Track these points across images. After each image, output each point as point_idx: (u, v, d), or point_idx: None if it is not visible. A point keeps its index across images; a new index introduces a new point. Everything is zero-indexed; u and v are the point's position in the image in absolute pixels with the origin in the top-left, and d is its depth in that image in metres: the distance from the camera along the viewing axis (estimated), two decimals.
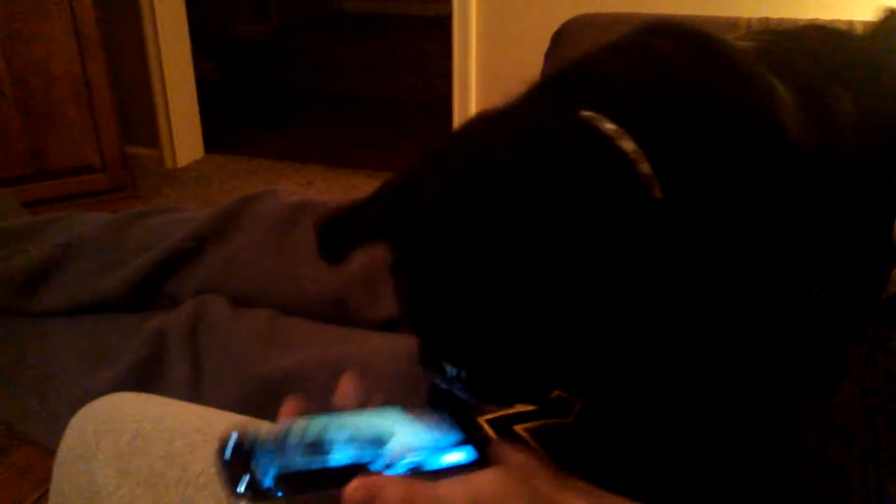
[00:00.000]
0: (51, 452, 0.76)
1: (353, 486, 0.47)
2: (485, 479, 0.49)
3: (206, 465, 0.64)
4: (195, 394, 0.84)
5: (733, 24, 1.30)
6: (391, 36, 4.33)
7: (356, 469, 0.48)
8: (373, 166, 2.99)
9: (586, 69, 0.60)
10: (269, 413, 0.76)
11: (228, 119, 3.47)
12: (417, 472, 0.49)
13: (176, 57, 2.88)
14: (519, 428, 0.68)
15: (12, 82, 2.26)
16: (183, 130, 2.97)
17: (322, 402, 0.78)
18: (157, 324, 0.90)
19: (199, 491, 0.63)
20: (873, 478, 0.63)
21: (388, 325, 0.93)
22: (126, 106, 2.70)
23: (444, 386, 0.54)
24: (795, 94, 0.63)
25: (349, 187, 2.82)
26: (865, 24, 0.86)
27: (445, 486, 0.48)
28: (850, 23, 0.90)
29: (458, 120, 2.65)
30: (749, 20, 1.30)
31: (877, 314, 0.80)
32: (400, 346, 0.82)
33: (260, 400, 0.81)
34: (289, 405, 0.57)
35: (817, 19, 0.94)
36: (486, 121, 0.57)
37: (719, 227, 0.55)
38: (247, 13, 4.72)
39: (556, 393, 0.72)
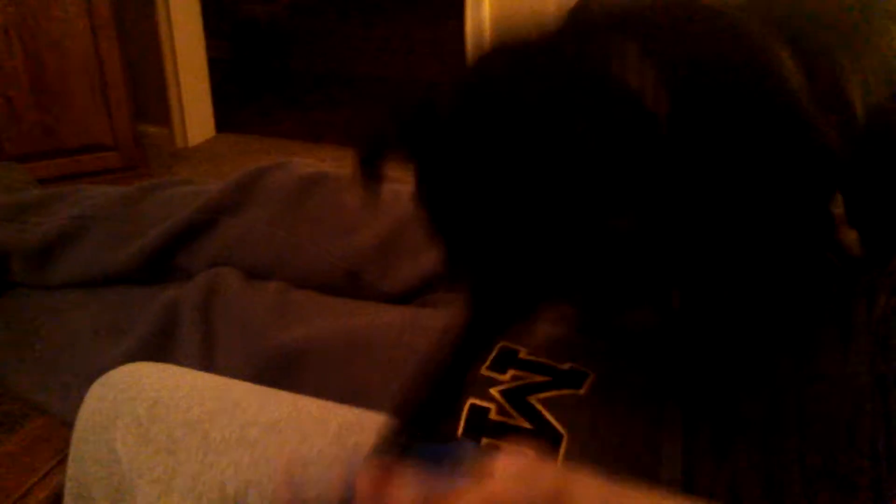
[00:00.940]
0: (65, 423, 0.76)
1: (365, 476, 0.47)
2: (498, 485, 0.47)
3: (224, 431, 0.65)
4: (208, 365, 0.84)
5: None
6: (404, 15, 4.30)
7: None
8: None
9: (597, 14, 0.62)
10: (281, 384, 0.77)
11: (240, 98, 3.47)
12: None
13: (187, 36, 2.87)
14: (532, 399, 0.67)
15: (25, 60, 2.26)
16: (194, 109, 2.97)
17: (335, 375, 0.79)
18: (169, 296, 0.91)
19: (218, 456, 0.64)
20: (883, 447, 0.63)
21: (402, 299, 0.93)
22: (138, 85, 2.70)
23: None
24: (793, 54, 0.63)
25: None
26: None
27: (460, 492, 0.47)
28: None
29: None
30: None
31: (890, 281, 0.79)
32: (414, 319, 0.82)
33: (272, 371, 0.81)
34: None
35: None
36: (503, 49, 0.58)
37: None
38: None
39: (569, 365, 0.72)
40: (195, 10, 2.90)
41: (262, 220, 0.95)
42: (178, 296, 0.90)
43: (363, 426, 0.63)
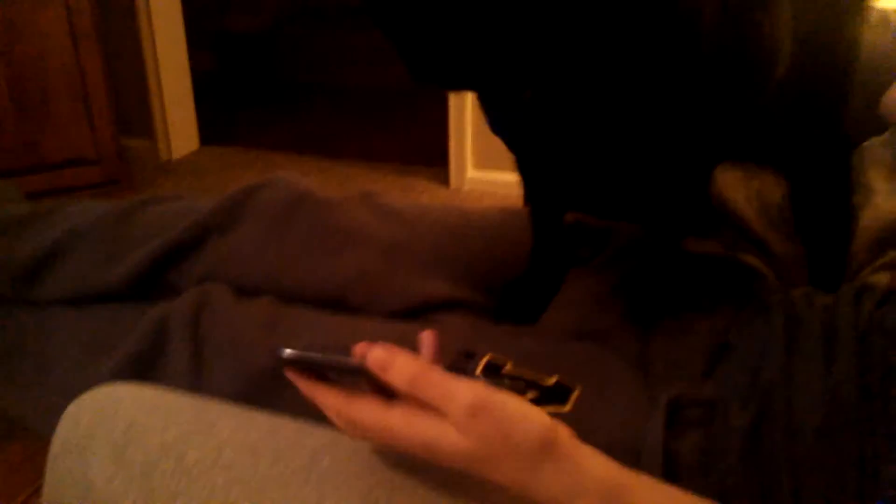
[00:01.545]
0: (47, 445, 0.76)
1: (377, 351, 0.49)
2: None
3: (200, 453, 0.65)
4: (196, 382, 0.84)
5: None
6: None
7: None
8: (370, 157, 2.99)
9: None
10: (271, 401, 0.77)
11: (224, 110, 3.46)
12: None
13: (171, 49, 2.87)
14: None
15: (7, 75, 2.25)
16: (178, 122, 2.97)
17: None
18: (158, 312, 0.90)
19: (193, 482, 0.63)
20: (870, 458, 0.63)
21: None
22: (121, 98, 2.69)
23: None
24: None
25: (345, 178, 2.82)
26: None
27: (457, 381, 0.49)
28: None
29: (453, 110, 2.65)
30: None
31: (873, 295, 0.81)
32: (406, 336, 0.82)
33: (261, 388, 0.81)
34: None
35: None
36: None
37: None
38: (243, 4, 4.70)
39: (554, 379, 0.72)
40: (178, 22, 2.90)
41: (252, 239, 0.96)
42: (166, 312, 0.90)
43: (338, 447, 0.63)
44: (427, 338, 0.60)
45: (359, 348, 0.55)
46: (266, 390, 0.81)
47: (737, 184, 1.07)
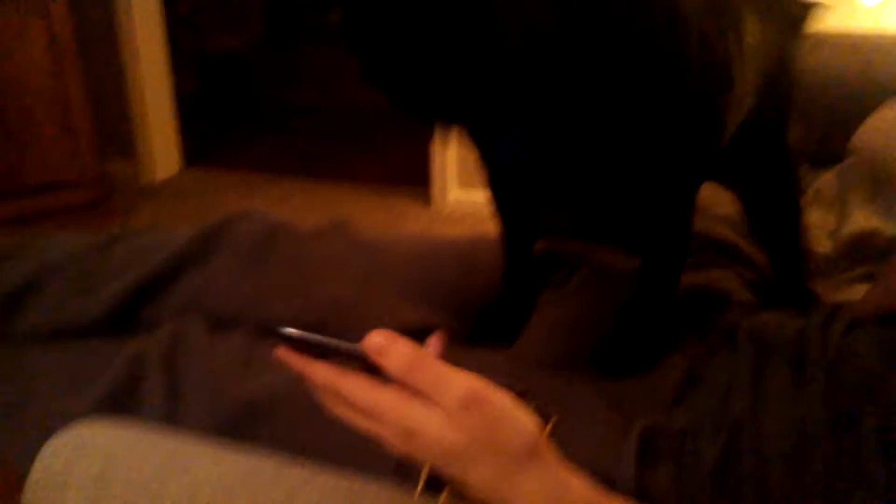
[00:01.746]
0: (24, 479, 0.75)
1: (374, 336, 0.49)
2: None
3: (177, 492, 0.65)
4: (173, 417, 0.83)
5: None
6: None
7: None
8: (353, 177, 2.99)
9: None
10: (246, 436, 0.77)
11: (207, 132, 3.46)
12: None
13: (153, 71, 2.87)
14: None
15: None
16: (160, 145, 2.96)
17: (299, 429, 0.79)
18: (134, 348, 0.90)
19: None
20: (840, 489, 0.64)
21: None
22: (103, 121, 2.69)
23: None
24: None
25: (328, 200, 2.82)
26: None
27: (453, 372, 0.48)
28: None
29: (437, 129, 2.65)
30: None
31: (843, 320, 0.82)
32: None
33: (238, 423, 0.81)
34: None
35: None
36: None
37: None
38: (225, 25, 4.70)
39: (533, 404, 0.73)
40: (161, 45, 2.90)
41: (226, 274, 0.96)
42: (142, 348, 0.90)
43: (314, 484, 0.63)
44: (435, 340, 0.59)
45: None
46: (243, 426, 0.81)
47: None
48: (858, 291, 1.00)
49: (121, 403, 0.87)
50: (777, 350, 0.80)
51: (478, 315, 0.98)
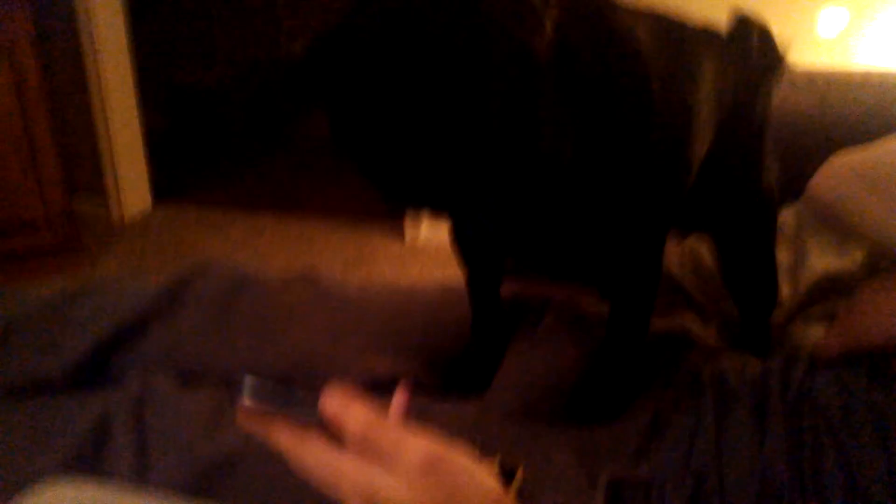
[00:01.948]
0: None
1: (330, 396, 0.48)
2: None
3: None
4: (141, 474, 0.83)
5: None
6: None
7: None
8: (325, 212, 2.99)
9: None
10: (215, 493, 0.77)
11: (177, 168, 3.44)
12: None
13: (121, 108, 2.86)
14: None
15: None
16: (130, 182, 2.95)
17: (268, 486, 0.79)
18: (101, 403, 0.90)
19: None
20: None
21: None
22: (72, 159, 2.67)
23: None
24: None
25: (300, 234, 2.82)
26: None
27: (412, 435, 0.48)
28: None
29: None
30: None
31: (802, 363, 0.83)
32: None
33: (207, 481, 0.80)
34: None
35: None
36: None
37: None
38: (194, 60, 4.71)
39: (497, 458, 0.73)
40: (128, 81, 2.89)
41: (194, 326, 0.96)
42: (108, 404, 0.89)
43: None
44: (399, 394, 0.59)
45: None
46: (212, 482, 0.80)
47: (669, 247, 1.11)
48: (817, 331, 1.02)
49: (88, 460, 0.86)
50: (739, 396, 0.81)
51: (447, 366, 0.98)
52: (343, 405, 0.48)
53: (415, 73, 0.56)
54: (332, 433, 0.50)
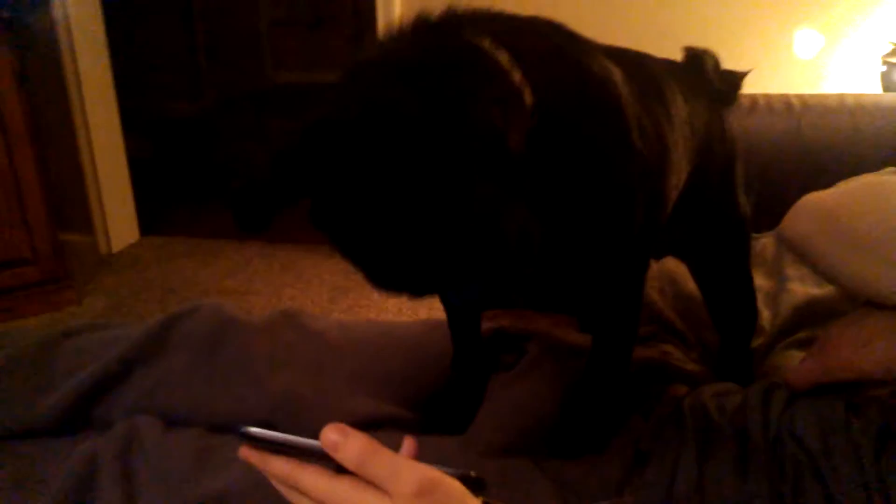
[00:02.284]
0: None
1: (328, 432, 0.50)
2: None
3: None
4: None
5: None
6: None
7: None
8: (311, 242, 3.00)
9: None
10: None
11: (164, 200, 3.45)
12: None
13: (107, 141, 2.87)
14: None
15: None
16: (117, 214, 2.95)
17: None
18: (87, 448, 0.90)
19: None
20: None
21: None
22: (57, 192, 2.67)
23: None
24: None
25: (288, 263, 2.83)
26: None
27: (406, 462, 0.49)
28: None
29: None
30: None
31: (782, 394, 0.84)
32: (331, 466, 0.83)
33: None
34: None
35: None
36: (370, 65, 0.66)
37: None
38: (179, 91, 4.73)
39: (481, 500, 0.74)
40: (114, 114, 2.90)
41: (177, 371, 0.97)
42: (95, 447, 0.89)
43: None
44: (408, 444, 0.59)
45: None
46: None
47: (650, 275, 1.12)
48: (795, 357, 1.03)
49: None
50: (720, 429, 0.82)
51: (428, 402, 0.99)
52: (342, 433, 0.49)
53: (392, 164, 0.57)
54: (329, 466, 0.51)
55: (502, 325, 1.08)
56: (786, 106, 1.60)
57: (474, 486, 0.52)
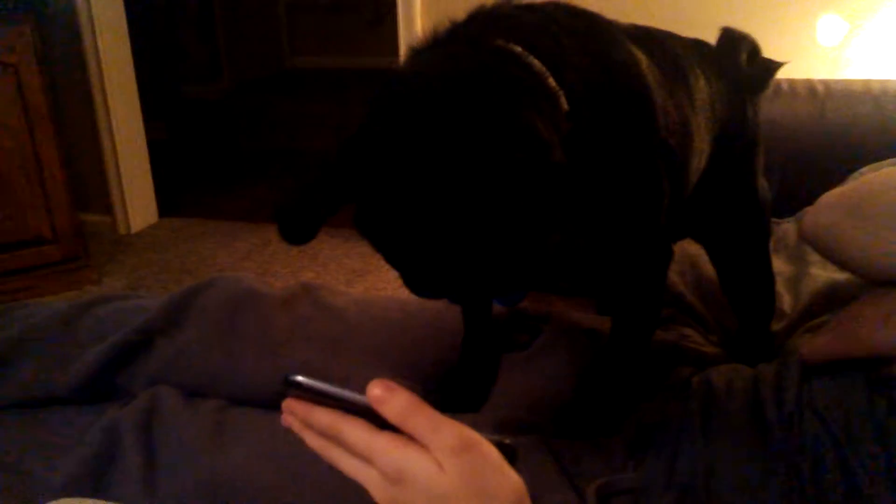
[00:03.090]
0: None
1: (374, 386, 0.50)
2: None
3: None
4: (149, 488, 0.84)
5: None
6: (343, 90, 4.38)
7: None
8: (330, 222, 3.00)
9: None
10: None
11: (182, 181, 3.47)
12: None
13: (126, 122, 2.88)
14: None
15: None
16: (136, 196, 2.97)
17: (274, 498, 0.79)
18: (109, 417, 0.91)
19: None
20: None
21: None
22: (77, 173, 2.69)
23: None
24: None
25: (306, 246, 2.83)
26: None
27: (448, 420, 0.49)
28: None
29: None
30: None
31: (795, 370, 0.84)
32: None
33: (214, 493, 0.82)
34: None
35: None
36: (409, 76, 0.68)
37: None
38: (198, 73, 4.74)
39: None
40: (133, 95, 2.91)
41: (197, 342, 0.98)
42: (117, 417, 0.91)
43: None
44: None
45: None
46: (218, 495, 0.81)
47: None
48: None
49: (97, 473, 0.87)
50: (728, 404, 0.82)
51: (443, 380, 0.99)
52: (388, 388, 0.50)
53: (438, 177, 0.58)
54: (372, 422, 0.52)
55: (519, 306, 1.08)
56: (810, 91, 1.58)
57: (509, 453, 0.52)
